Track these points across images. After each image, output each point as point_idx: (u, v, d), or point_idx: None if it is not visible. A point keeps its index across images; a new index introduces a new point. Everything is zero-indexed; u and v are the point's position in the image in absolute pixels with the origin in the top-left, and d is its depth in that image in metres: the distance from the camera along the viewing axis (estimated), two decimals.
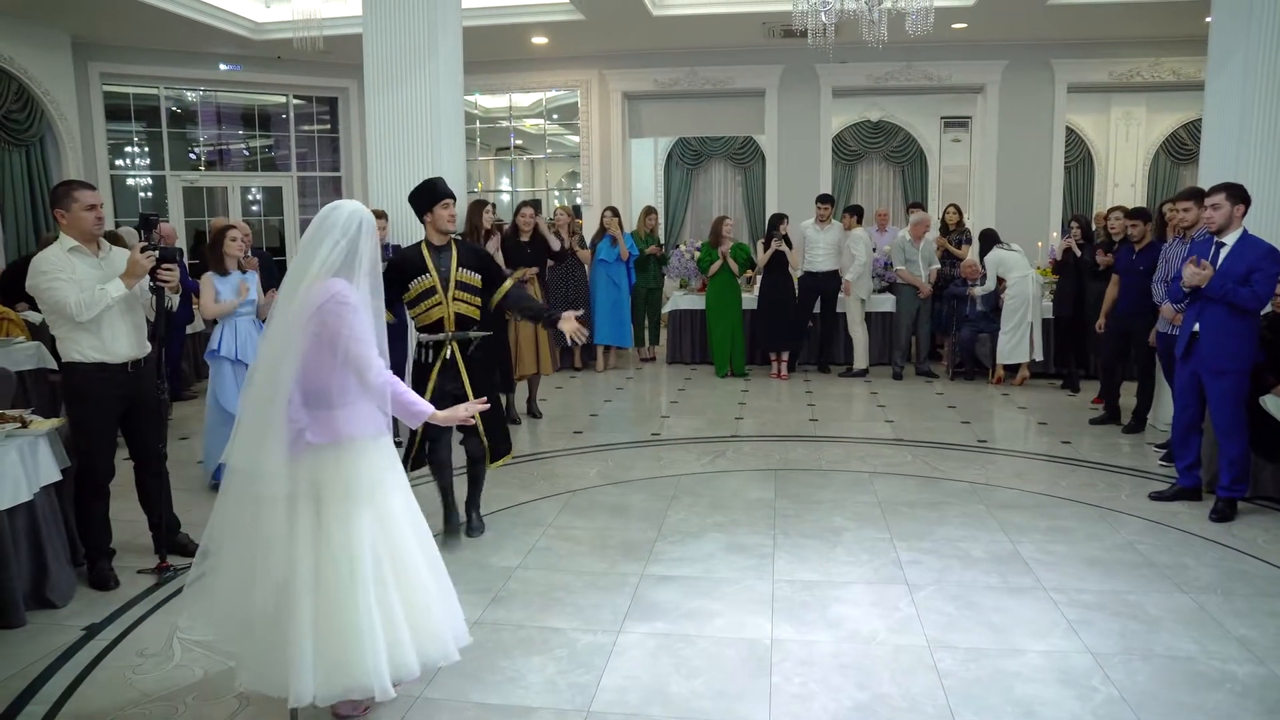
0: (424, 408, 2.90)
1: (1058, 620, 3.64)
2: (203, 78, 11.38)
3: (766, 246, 8.98)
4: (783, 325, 9.06)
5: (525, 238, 7.35)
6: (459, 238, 4.58)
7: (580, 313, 4.44)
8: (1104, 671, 3.21)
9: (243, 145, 12.36)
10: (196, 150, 11.98)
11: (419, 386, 4.29)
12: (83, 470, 4.01)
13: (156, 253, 3.91)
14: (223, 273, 5.28)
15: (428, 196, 4.27)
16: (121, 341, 3.99)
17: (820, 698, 3.06)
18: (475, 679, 3.20)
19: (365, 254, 2.74)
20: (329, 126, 12.43)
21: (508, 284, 4.48)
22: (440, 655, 2.81)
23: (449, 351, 4.31)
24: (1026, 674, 3.20)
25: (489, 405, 3.21)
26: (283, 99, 12.07)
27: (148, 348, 4.11)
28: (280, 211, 12.14)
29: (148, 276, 3.96)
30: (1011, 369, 8.72)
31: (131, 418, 4.15)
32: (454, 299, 4.27)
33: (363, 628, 2.62)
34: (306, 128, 12.36)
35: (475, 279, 4.32)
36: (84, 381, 3.94)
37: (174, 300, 4.22)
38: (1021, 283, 8.42)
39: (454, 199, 4.32)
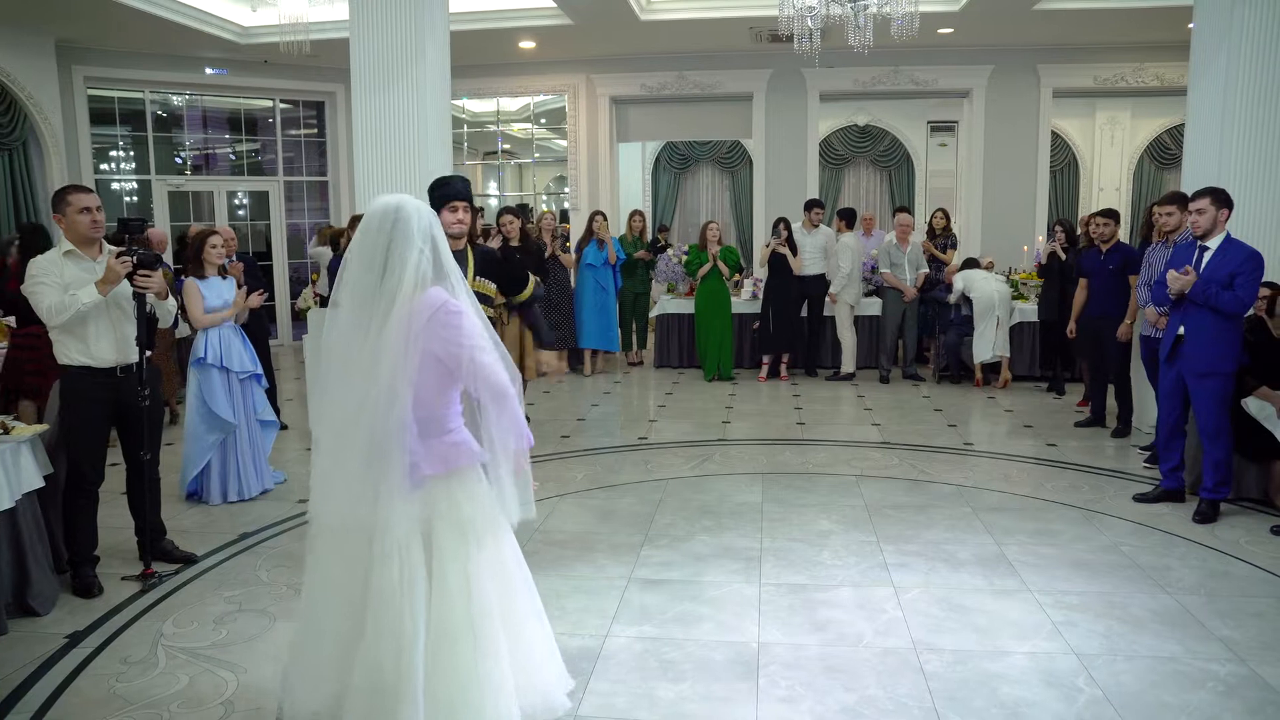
0: (530, 435, 2.60)
1: (1043, 622, 3.66)
2: (189, 82, 11.32)
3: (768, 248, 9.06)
4: (785, 328, 9.09)
5: (514, 243, 7.34)
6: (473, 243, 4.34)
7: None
8: (1088, 672, 3.23)
9: (229, 149, 12.31)
10: (183, 154, 11.93)
11: None
12: (71, 473, 4.00)
13: (133, 259, 3.89)
14: (201, 277, 5.30)
15: (437, 195, 4.02)
16: (105, 346, 3.99)
17: (807, 700, 3.07)
18: None
19: (446, 256, 2.42)
20: (316, 131, 12.39)
21: (531, 287, 4.18)
22: (544, 707, 2.58)
23: None
24: (1012, 676, 3.22)
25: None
26: (269, 103, 12.03)
27: (135, 354, 4.08)
28: (267, 216, 12.09)
29: (127, 282, 3.94)
30: (993, 369, 8.78)
31: (121, 423, 4.15)
32: None
33: (483, 676, 2.37)
34: (293, 132, 12.32)
35: (490, 288, 4.08)
36: (72, 384, 3.97)
37: (158, 306, 4.18)
38: (984, 285, 8.50)
39: (466, 202, 4.01)
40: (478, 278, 4.00)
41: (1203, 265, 4.86)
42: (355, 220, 6.45)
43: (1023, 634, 3.55)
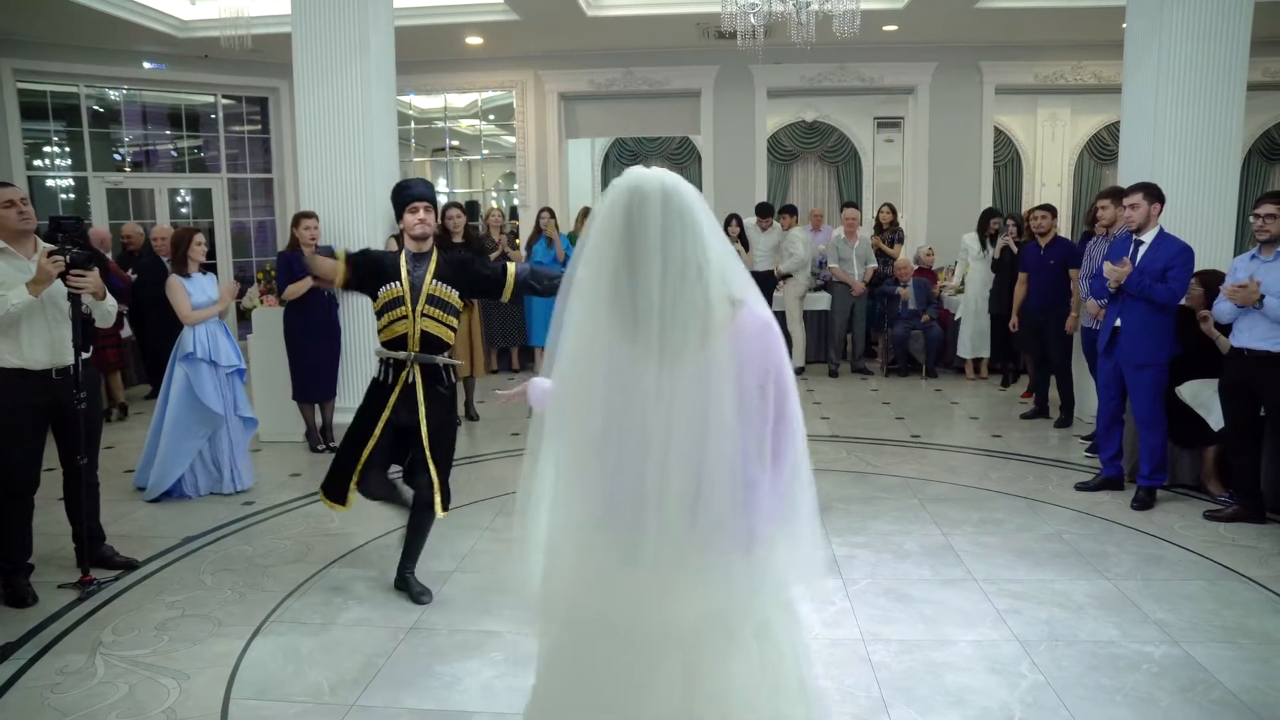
0: None
1: (987, 610, 3.73)
2: (126, 76, 11.02)
3: None
4: None
5: (457, 239, 7.27)
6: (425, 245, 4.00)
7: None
8: (1030, 658, 3.30)
9: (170, 146, 12.03)
10: (121, 151, 11.62)
11: (373, 410, 3.84)
12: (3, 479, 3.86)
13: (65, 258, 3.79)
14: (185, 275, 5.37)
15: (399, 199, 3.90)
16: (39, 348, 3.87)
17: None
18: (410, 685, 3.17)
19: (731, 252, 1.79)
20: (260, 127, 12.16)
21: (512, 271, 3.88)
22: None
23: (410, 375, 3.81)
24: (957, 664, 3.28)
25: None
26: (211, 99, 11.77)
27: (70, 356, 3.97)
28: (210, 214, 11.84)
29: (61, 282, 3.83)
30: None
31: (57, 426, 4.03)
32: (422, 314, 3.77)
33: None
34: (236, 128, 12.08)
35: (451, 294, 3.84)
36: (3, 388, 3.82)
37: (94, 307, 4.07)
38: (985, 277, 8.56)
39: (427, 202, 3.88)
40: (435, 281, 3.83)
41: (1138, 258, 4.99)
42: (299, 218, 6.31)
43: (968, 622, 3.62)
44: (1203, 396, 5.10)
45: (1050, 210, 7.11)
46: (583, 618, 1.79)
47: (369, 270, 3.83)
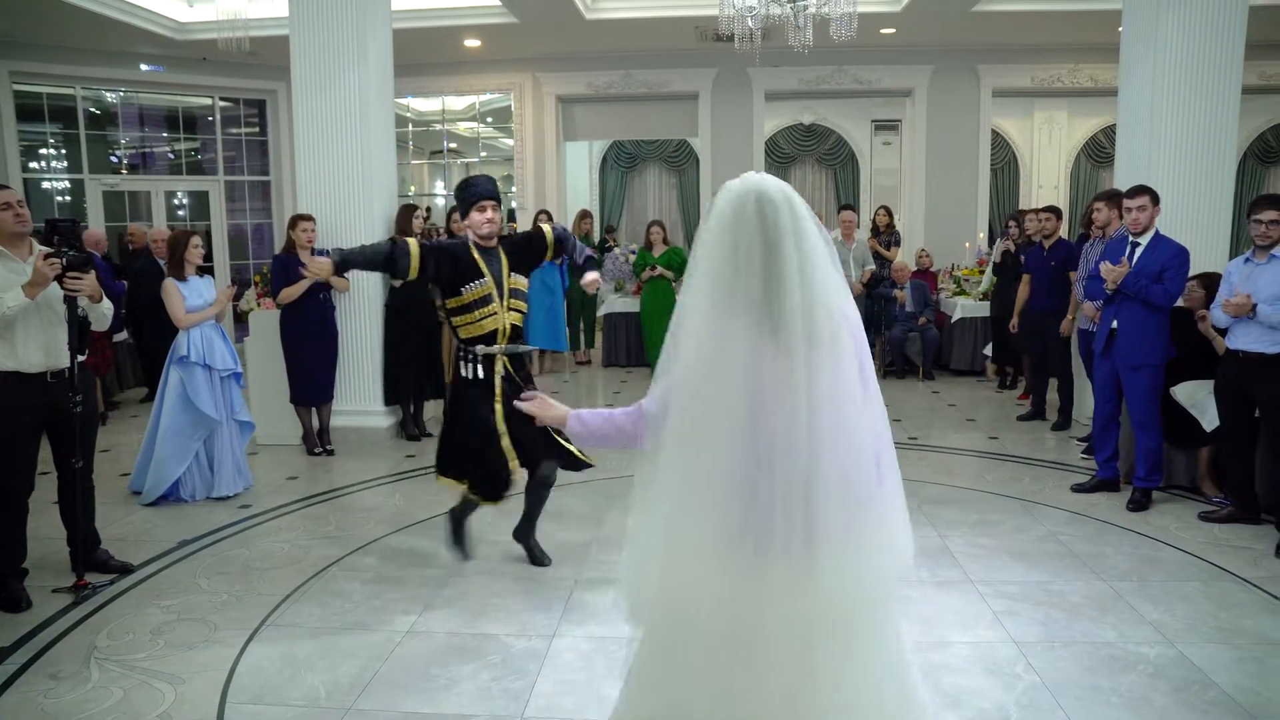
0: None
1: (984, 612, 3.73)
2: (123, 78, 11.03)
3: None
4: None
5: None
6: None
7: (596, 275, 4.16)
8: (1027, 660, 3.30)
9: (167, 148, 12.02)
10: (118, 153, 11.62)
11: (479, 404, 3.92)
12: None
13: (62, 260, 3.78)
14: (182, 278, 5.34)
15: (465, 196, 3.97)
16: (34, 351, 3.85)
17: None
18: (407, 687, 3.17)
19: None
20: (257, 129, 12.17)
21: (548, 230, 4.12)
22: None
23: (502, 367, 3.96)
24: (954, 665, 3.28)
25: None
26: (208, 101, 11.77)
27: (66, 359, 3.96)
28: (206, 216, 11.83)
29: (57, 285, 3.82)
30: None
31: (52, 430, 4.02)
32: (508, 308, 3.96)
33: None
34: (234, 130, 12.08)
35: (524, 284, 4.03)
36: None
37: (90, 309, 4.06)
38: None
39: (495, 201, 3.97)
40: (513, 274, 3.99)
41: (1134, 260, 5.00)
42: (296, 220, 6.31)
43: (965, 624, 3.62)
44: (1197, 397, 5.10)
45: (1055, 212, 7.11)
46: (720, 618, 1.77)
47: (445, 262, 3.88)
